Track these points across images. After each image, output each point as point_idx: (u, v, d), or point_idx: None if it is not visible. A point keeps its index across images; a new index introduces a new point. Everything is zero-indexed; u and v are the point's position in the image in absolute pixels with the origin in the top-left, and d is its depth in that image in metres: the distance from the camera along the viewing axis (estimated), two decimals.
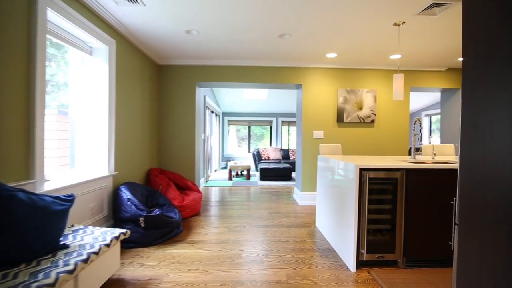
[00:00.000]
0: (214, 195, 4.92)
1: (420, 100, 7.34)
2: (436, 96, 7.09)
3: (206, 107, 6.10)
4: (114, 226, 2.78)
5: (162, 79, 4.21)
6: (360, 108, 4.27)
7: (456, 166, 2.19)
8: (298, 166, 4.48)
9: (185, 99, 4.22)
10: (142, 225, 2.54)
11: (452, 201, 2.21)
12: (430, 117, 8.77)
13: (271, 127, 9.79)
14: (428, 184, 2.20)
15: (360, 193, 2.15)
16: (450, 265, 2.27)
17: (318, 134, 4.25)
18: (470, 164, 1.16)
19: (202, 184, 5.67)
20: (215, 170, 8.18)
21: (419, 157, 2.85)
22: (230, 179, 6.55)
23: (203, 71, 4.21)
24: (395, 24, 2.75)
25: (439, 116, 8.15)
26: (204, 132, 5.95)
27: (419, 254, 2.22)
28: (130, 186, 2.91)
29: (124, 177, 3.12)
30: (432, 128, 8.46)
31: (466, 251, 1.18)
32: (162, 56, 3.98)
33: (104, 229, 1.99)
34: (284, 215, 3.69)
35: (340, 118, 4.25)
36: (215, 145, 8.20)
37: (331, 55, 3.79)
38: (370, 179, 2.16)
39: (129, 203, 2.60)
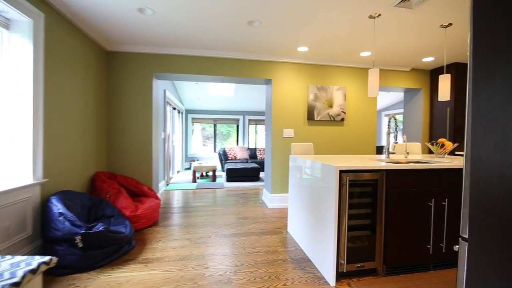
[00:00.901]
0: (175, 200, 4.43)
1: (380, 100, 7.61)
2: (395, 97, 7.40)
3: (166, 102, 5.54)
4: (43, 248, 2.21)
5: (112, 68, 3.62)
6: (331, 106, 4.15)
7: (434, 165, 2.10)
8: (267, 166, 4.22)
9: (141, 92, 3.68)
10: (80, 245, 2.03)
11: (431, 203, 2.12)
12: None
13: (238, 126, 9.45)
14: (408, 185, 2.07)
15: (339, 197, 1.94)
16: (429, 269, 2.18)
17: (288, 132, 4.03)
18: (485, 167, 0.95)
19: (162, 188, 5.13)
20: (178, 172, 7.60)
21: (393, 157, 2.76)
22: (194, 181, 6.07)
23: (162, 60, 3.71)
24: (371, 17, 2.61)
25: (397, 116, 8.58)
26: (165, 131, 5.40)
27: (398, 260, 2.08)
28: (66, 196, 2.35)
29: (58, 184, 2.53)
30: (391, 127, 8.90)
31: (478, 273, 0.98)
32: (111, 40, 3.39)
33: (17, 258, 1.47)
34: (253, 220, 3.39)
35: (310, 116, 4.08)
36: (177, 145, 7.61)
37: (303, 48, 3.58)
38: (350, 181, 1.96)
39: (61, 218, 2.07)
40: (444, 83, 2.76)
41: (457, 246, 1.10)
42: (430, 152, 4.56)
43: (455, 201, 2.18)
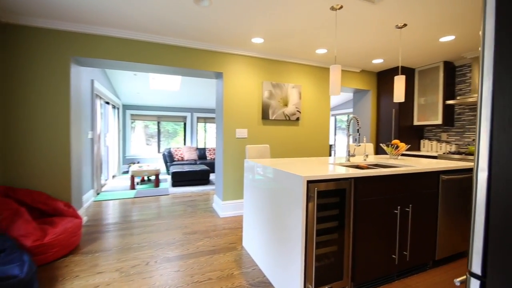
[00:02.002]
0: (107, 214, 3.67)
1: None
2: (342, 97, 7.69)
3: (95, 95, 4.62)
4: None
5: (11, 47, 2.71)
6: (286, 105, 3.92)
7: (402, 170, 1.97)
8: (218, 171, 3.78)
9: (54, 81, 2.86)
10: None
11: (397, 210, 1.99)
12: (335, 117, 9.64)
13: (185, 124, 8.71)
14: (376, 192, 1.89)
15: (307, 211, 1.64)
16: (393, 280, 2.06)
17: (241, 132, 3.66)
18: None
19: (89, 200, 4.24)
20: (114, 177, 6.57)
21: (353, 159, 2.62)
22: (132, 187, 5.25)
23: (84, 41, 2.94)
24: (332, 8, 2.40)
25: (342, 116, 9.01)
26: (93, 129, 4.48)
27: (366, 275, 1.90)
28: None
29: None
30: (337, 126, 9.30)
31: None
32: (7, 8, 2.51)
33: None
34: (203, 234, 2.93)
35: (265, 115, 3.79)
36: (113, 145, 6.57)
37: (258, 40, 3.23)
38: (318, 193, 1.68)
39: None
40: (399, 84, 2.73)
41: (459, 280, 0.87)
42: (380, 152, 4.74)
43: (418, 206, 2.10)
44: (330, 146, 6.68)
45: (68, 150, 2.92)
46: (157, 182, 5.48)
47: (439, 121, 4.09)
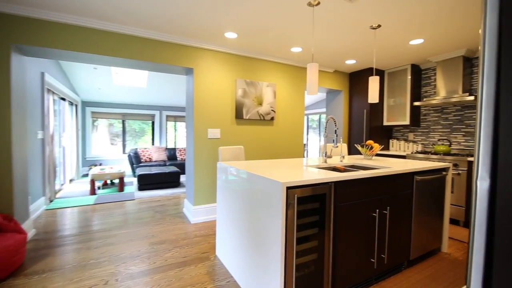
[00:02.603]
0: (61, 225, 3.25)
1: None
2: (314, 97, 7.78)
3: (47, 90, 4.10)
4: None
5: None
6: (260, 104, 3.79)
7: (380, 172, 1.93)
8: (189, 174, 3.54)
9: None
10: None
11: (375, 213, 1.95)
12: (308, 116, 9.76)
13: (153, 122, 8.22)
14: (356, 196, 1.83)
15: (286, 220, 1.52)
16: (371, 283, 2.02)
17: (214, 132, 3.45)
18: None
19: (39, 209, 3.74)
20: (71, 181, 5.96)
21: (330, 161, 2.56)
22: (93, 193, 4.77)
23: (29, 26, 2.53)
24: (309, 4, 2.30)
25: (313, 116, 9.14)
26: (44, 128, 3.97)
27: (346, 283, 1.83)
28: None
29: None
30: (309, 126, 9.43)
31: None
32: None
33: None
34: (172, 244, 2.69)
35: (239, 114, 3.62)
36: (70, 146, 5.95)
37: (231, 35, 3.05)
38: (298, 199, 1.56)
39: None
40: (374, 85, 2.73)
41: None
42: (352, 152, 4.81)
43: (395, 208, 2.09)
44: (304, 145, 6.71)
45: (8, 153, 2.50)
46: (121, 186, 5.05)
47: (407, 121, 4.24)
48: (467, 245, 2.75)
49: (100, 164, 7.28)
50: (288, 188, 1.51)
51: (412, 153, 3.93)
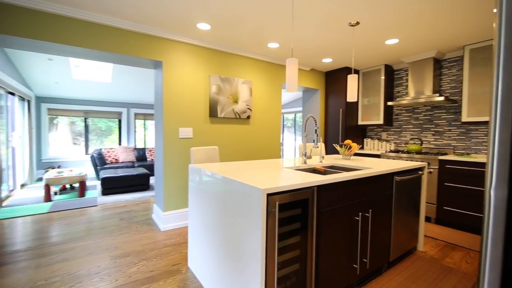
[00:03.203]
0: (6, 239, 2.80)
1: None
2: (290, 95, 7.75)
3: None
4: None
5: None
6: (236, 102, 3.60)
7: (363, 173, 1.84)
8: (158, 177, 3.25)
9: None
10: None
11: (358, 217, 1.86)
12: (283, 115, 9.74)
13: (120, 121, 7.65)
14: (339, 200, 1.72)
15: (267, 228, 1.36)
16: None
17: (185, 132, 3.20)
18: None
19: None
20: (23, 186, 5.30)
21: (309, 162, 2.45)
22: (48, 199, 4.25)
23: None
24: None
25: (288, 115, 9.13)
26: None
27: None
28: None
29: None
30: (284, 125, 9.41)
31: None
32: None
33: None
34: (138, 256, 2.41)
35: (213, 112, 3.40)
36: (22, 146, 5.29)
37: (204, 26, 2.82)
38: (280, 206, 1.41)
39: None
40: (352, 84, 2.67)
41: None
42: (329, 152, 4.79)
43: (376, 210, 2.02)
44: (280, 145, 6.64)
45: None
46: (82, 191, 4.57)
47: (380, 121, 4.31)
48: (441, 242, 2.81)
49: (59, 167, 6.61)
50: (268, 195, 1.34)
51: (386, 152, 3.98)
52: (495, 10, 0.65)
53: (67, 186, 5.26)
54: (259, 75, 3.88)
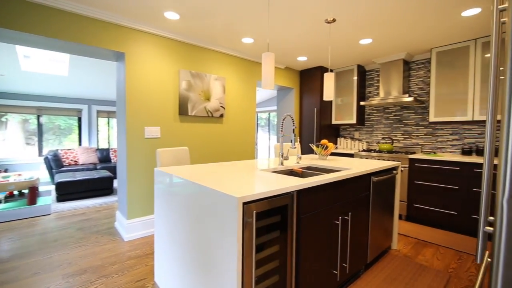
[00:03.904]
0: None
1: None
2: (260, 95, 7.65)
3: None
4: None
5: None
6: (208, 99, 3.39)
7: (345, 174, 1.76)
8: (121, 181, 2.94)
9: None
10: None
11: (338, 221, 1.77)
12: (257, 114, 9.64)
13: (80, 119, 6.99)
14: (319, 204, 1.62)
15: (243, 241, 1.20)
16: None
17: (152, 131, 2.93)
18: None
19: None
20: None
21: (286, 163, 2.34)
22: None
23: None
24: None
25: (262, 114, 9.06)
26: None
27: None
28: None
29: None
30: (258, 124, 9.31)
31: None
32: None
33: None
34: (96, 273, 2.12)
35: (183, 110, 3.16)
36: None
37: (172, 15, 2.58)
38: (257, 215, 1.26)
39: None
40: (329, 82, 2.61)
41: None
42: (304, 151, 4.75)
43: (355, 213, 1.96)
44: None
45: None
46: (32, 198, 4.04)
47: (353, 120, 4.36)
48: (413, 239, 2.87)
49: (6, 170, 5.85)
50: (244, 203, 1.19)
51: (359, 151, 4.03)
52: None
53: (15, 192, 4.64)
54: (233, 71, 3.70)
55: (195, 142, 3.32)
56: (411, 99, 3.50)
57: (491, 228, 0.88)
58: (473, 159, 2.93)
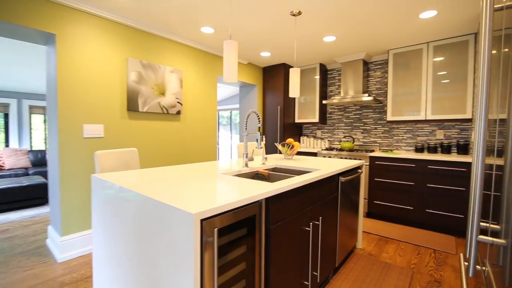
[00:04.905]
0: None
1: None
2: (223, 93, 7.38)
3: None
4: None
5: None
6: (162, 94, 3.02)
7: (316, 176, 1.61)
8: (53, 190, 2.43)
9: None
10: None
11: (309, 227, 1.62)
12: (218, 112, 9.31)
13: (6, 115, 5.91)
14: (290, 211, 1.44)
15: (202, 263, 0.96)
16: None
17: (93, 130, 2.49)
18: None
19: None
20: None
21: (251, 164, 2.14)
22: None
23: None
24: None
25: (224, 112, 8.78)
26: None
27: None
28: None
29: None
30: (220, 122, 9.00)
31: None
32: None
33: None
34: None
35: (133, 106, 2.75)
36: None
37: None
38: (220, 231, 1.03)
39: None
40: (295, 77, 2.48)
41: None
42: (268, 151, 4.60)
43: (325, 216, 1.84)
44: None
45: None
46: None
47: (316, 119, 4.35)
48: (375, 236, 2.90)
49: None
50: (203, 220, 0.95)
51: (321, 149, 4.03)
52: None
53: None
54: (192, 64, 3.38)
55: (147, 142, 2.93)
56: (370, 98, 3.58)
57: (490, 238, 0.76)
58: (427, 156, 3.08)
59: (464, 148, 3.17)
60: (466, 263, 1.10)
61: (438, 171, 2.95)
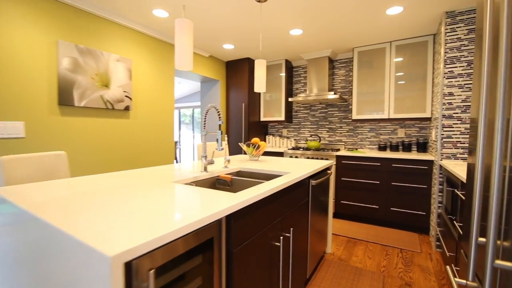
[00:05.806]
0: None
1: None
2: (183, 89, 6.92)
3: None
4: None
5: None
6: (106, 85, 2.56)
7: (284, 182, 1.38)
8: None
9: None
10: None
11: (279, 242, 1.39)
12: (180, 111, 8.76)
13: None
14: (256, 226, 1.19)
15: None
16: None
17: (8, 128, 1.96)
18: None
19: None
20: None
21: (211, 168, 1.85)
22: None
23: None
24: None
25: (186, 110, 8.28)
26: None
27: None
28: None
29: None
30: (181, 121, 8.47)
31: None
32: None
33: None
34: None
35: (65, 99, 2.26)
36: None
37: None
38: (158, 271, 0.73)
39: None
40: (261, 71, 2.24)
41: None
42: (232, 151, 4.32)
43: (296, 226, 1.63)
44: (175, 143, 5.75)
45: None
46: None
47: (282, 117, 4.19)
48: (343, 238, 2.81)
49: None
50: (132, 260, 0.64)
51: (288, 149, 3.88)
52: None
53: None
54: (143, 53, 2.95)
55: (86, 143, 2.45)
56: (336, 96, 3.51)
57: (484, 239, 0.67)
58: (391, 154, 3.08)
59: (423, 146, 3.25)
60: (457, 279, 0.97)
61: (401, 169, 2.97)
